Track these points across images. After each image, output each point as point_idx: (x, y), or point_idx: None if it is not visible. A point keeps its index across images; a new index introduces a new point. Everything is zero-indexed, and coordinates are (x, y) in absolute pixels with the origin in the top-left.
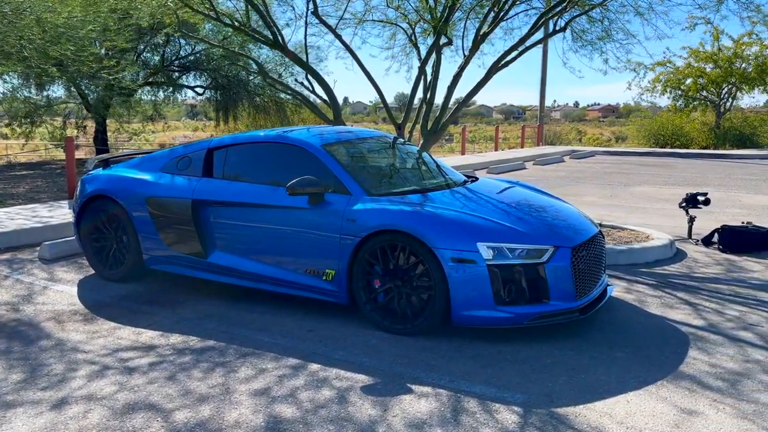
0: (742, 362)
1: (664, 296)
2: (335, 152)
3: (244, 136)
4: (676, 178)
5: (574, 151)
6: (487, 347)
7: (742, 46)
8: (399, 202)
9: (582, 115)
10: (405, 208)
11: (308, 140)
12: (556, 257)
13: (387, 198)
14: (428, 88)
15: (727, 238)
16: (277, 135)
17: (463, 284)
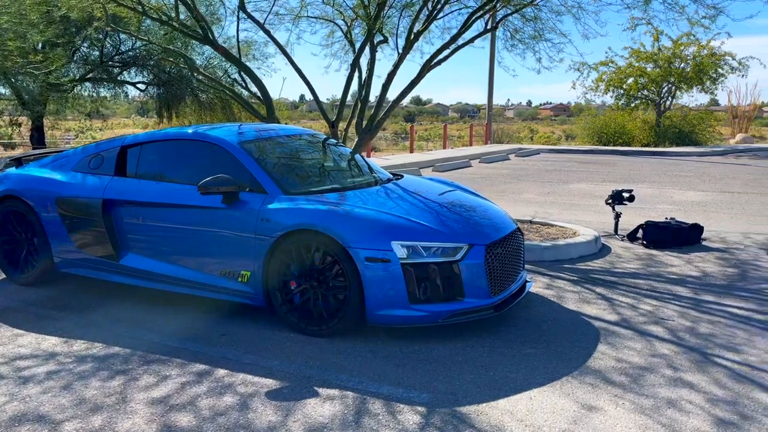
0: (647, 357)
1: (583, 292)
2: (253, 150)
3: (159, 133)
4: (614, 176)
5: (521, 149)
6: (402, 347)
7: (681, 46)
8: (315, 201)
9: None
10: (320, 207)
11: (224, 137)
12: (471, 255)
13: (304, 197)
14: (363, 86)
15: (650, 233)
16: (193, 132)
17: (378, 283)
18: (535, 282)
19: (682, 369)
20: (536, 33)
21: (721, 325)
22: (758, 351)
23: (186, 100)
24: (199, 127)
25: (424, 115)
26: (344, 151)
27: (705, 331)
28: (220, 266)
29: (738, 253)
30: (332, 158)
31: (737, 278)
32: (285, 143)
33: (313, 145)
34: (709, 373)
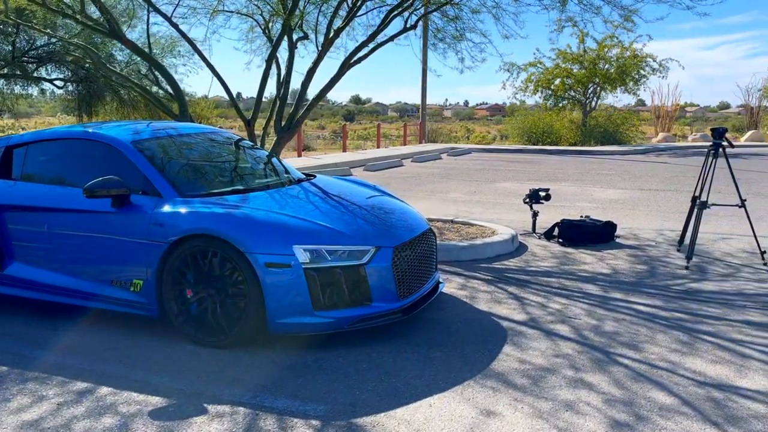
0: (551, 357)
1: (496, 291)
2: (147, 150)
3: (47, 132)
4: (540, 174)
5: (453, 148)
6: (305, 355)
7: (605, 48)
8: (213, 203)
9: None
10: (217, 210)
11: (116, 136)
12: (378, 258)
13: (201, 199)
14: (282, 83)
15: (566, 231)
16: (83, 131)
17: (279, 290)
18: (450, 282)
19: (584, 369)
20: (458, 33)
21: (626, 322)
22: (659, 348)
23: (106, 97)
24: (90, 126)
25: (364, 115)
26: (257, 151)
27: (609, 329)
28: (111, 275)
29: (649, 250)
30: (239, 158)
31: (646, 275)
32: (186, 142)
33: (217, 144)
34: (609, 373)
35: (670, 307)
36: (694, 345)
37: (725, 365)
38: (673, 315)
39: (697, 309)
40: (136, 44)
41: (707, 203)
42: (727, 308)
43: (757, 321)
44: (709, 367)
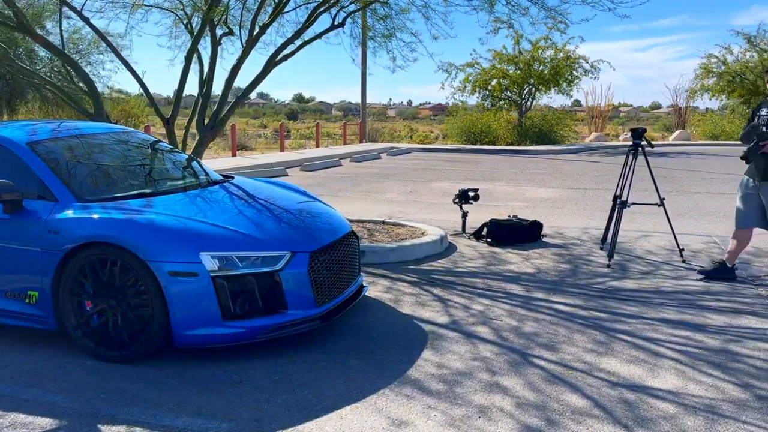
0: (469, 360)
1: (421, 294)
2: (44, 151)
3: None
4: (475, 174)
5: (393, 148)
6: (214, 369)
7: (539, 49)
8: (114, 208)
9: (415, 114)
10: (117, 215)
11: (10, 137)
12: (293, 263)
13: (101, 204)
14: (205, 81)
15: (494, 231)
16: None
17: (185, 300)
18: (376, 285)
19: (500, 372)
20: (388, 32)
21: (546, 322)
22: (575, 349)
23: (28, 95)
24: None
25: (308, 113)
26: (174, 153)
27: (529, 330)
28: (3, 286)
29: (573, 249)
30: (150, 159)
31: (568, 274)
32: (91, 143)
33: (127, 145)
34: (525, 376)
35: (590, 306)
36: (610, 345)
37: (639, 365)
38: (592, 314)
39: (616, 307)
40: (46, 39)
41: (627, 202)
42: (645, 306)
43: (673, 318)
44: (623, 367)
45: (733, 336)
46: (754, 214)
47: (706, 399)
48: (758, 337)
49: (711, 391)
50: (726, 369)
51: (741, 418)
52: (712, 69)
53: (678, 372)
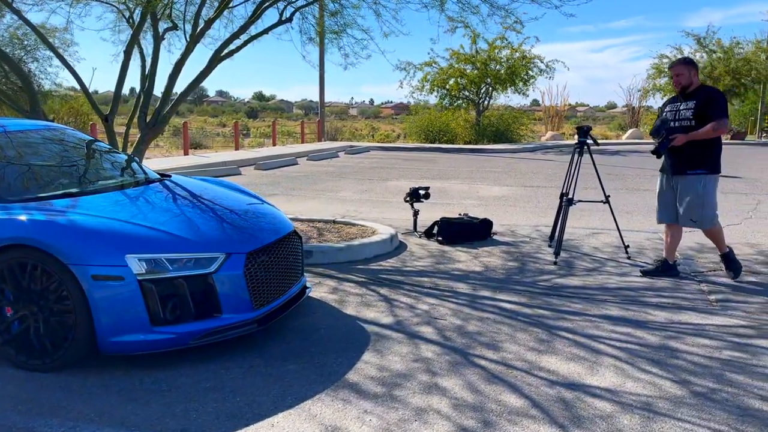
0: (410, 362)
1: (367, 294)
2: None
3: None
4: (432, 172)
5: (351, 146)
6: (143, 377)
7: (495, 49)
8: (36, 209)
9: (377, 113)
10: (38, 216)
11: None
12: (228, 265)
13: (23, 205)
14: (147, 77)
15: (444, 229)
16: None
17: (110, 305)
18: (322, 286)
19: (440, 373)
20: (339, 28)
21: (490, 321)
22: (517, 347)
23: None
24: None
25: (268, 112)
26: (110, 151)
27: (473, 329)
28: None
29: (522, 246)
30: (82, 158)
31: (516, 271)
32: (16, 141)
33: (58, 143)
34: (465, 376)
35: (534, 304)
36: (552, 343)
37: (579, 363)
38: (536, 312)
39: (560, 305)
40: None
41: (573, 200)
42: (588, 303)
43: (615, 315)
44: (563, 366)
45: (672, 332)
46: (668, 209)
47: (643, 396)
48: (697, 333)
49: (648, 389)
50: (664, 365)
51: (676, 415)
52: (664, 69)
53: (617, 369)
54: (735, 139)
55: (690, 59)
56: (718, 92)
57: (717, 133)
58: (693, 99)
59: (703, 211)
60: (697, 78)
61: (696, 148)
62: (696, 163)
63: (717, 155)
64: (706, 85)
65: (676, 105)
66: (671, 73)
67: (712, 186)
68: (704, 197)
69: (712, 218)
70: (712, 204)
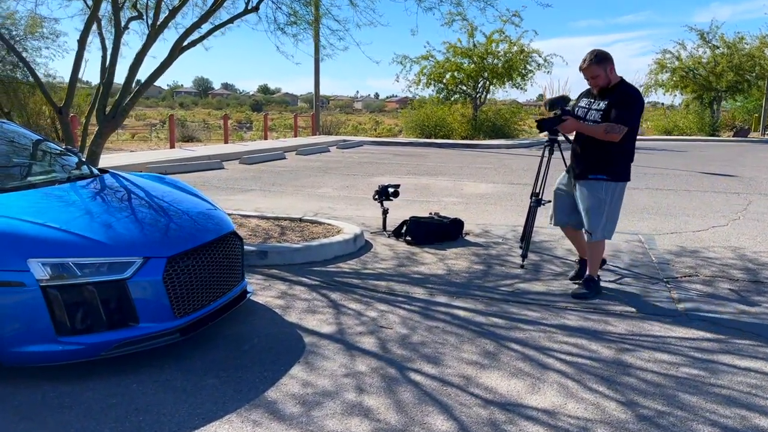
0: (340, 377)
1: (315, 299)
2: None
3: None
4: (421, 168)
5: (344, 141)
6: (48, 390)
7: (493, 43)
8: None
9: (382, 106)
10: None
11: None
12: (146, 270)
13: None
14: (107, 68)
15: (413, 229)
16: None
17: (10, 313)
18: (270, 290)
19: (369, 391)
20: (314, 18)
21: (438, 331)
22: (458, 362)
23: None
24: None
25: (273, 105)
26: (44, 144)
27: (417, 339)
28: None
29: (494, 248)
30: (10, 152)
31: (479, 275)
32: None
33: None
34: (395, 394)
35: (490, 311)
36: (498, 355)
37: (521, 379)
38: (490, 320)
39: (516, 313)
40: None
41: (542, 200)
42: (548, 311)
43: (572, 325)
44: (504, 383)
45: (630, 345)
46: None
47: (582, 420)
48: (656, 347)
49: (590, 411)
50: (613, 384)
51: None
52: (666, 64)
53: (561, 387)
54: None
55: (602, 54)
56: (634, 94)
57: (607, 136)
58: (607, 98)
59: (600, 221)
60: (614, 73)
61: (601, 151)
62: (600, 167)
63: (624, 161)
64: (624, 82)
65: (590, 101)
66: (585, 75)
67: (615, 195)
68: (606, 206)
69: (608, 231)
70: (614, 216)
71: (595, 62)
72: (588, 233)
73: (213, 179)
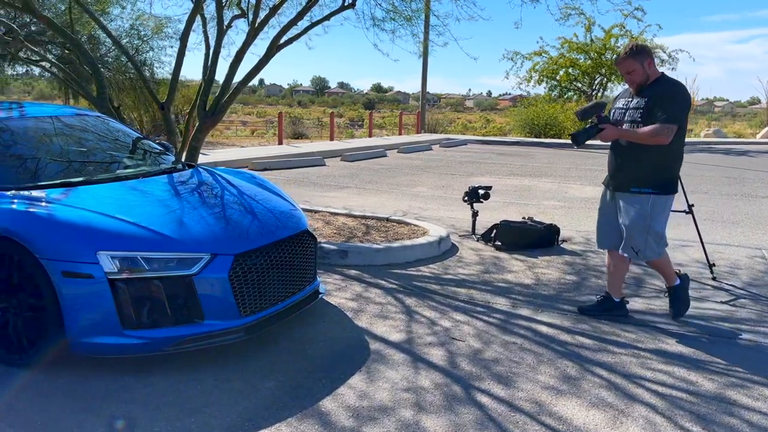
0: (400, 391)
1: (389, 304)
2: None
3: None
4: (525, 169)
5: (448, 139)
6: (111, 381)
7: (612, 37)
8: (23, 198)
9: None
10: (19, 206)
11: None
12: (212, 267)
13: (13, 194)
14: (208, 65)
15: (503, 234)
16: None
17: (80, 304)
18: (344, 291)
19: (427, 409)
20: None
21: (515, 347)
22: (533, 384)
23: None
24: None
25: (385, 103)
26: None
27: (491, 355)
28: None
29: (591, 258)
30: (97, 144)
31: (570, 287)
32: (31, 127)
33: (77, 128)
34: (456, 416)
35: (577, 329)
36: (579, 381)
37: (602, 410)
38: (575, 339)
39: (608, 332)
40: (51, 20)
41: None
42: (645, 332)
43: (672, 351)
44: (581, 413)
45: (737, 379)
46: (609, 232)
47: None
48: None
49: None
50: (710, 424)
51: None
52: None
53: (647, 423)
54: None
55: (640, 47)
56: (676, 87)
57: (654, 140)
58: (646, 95)
59: (643, 239)
60: (653, 68)
61: (643, 159)
62: (643, 178)
63: (671, 169)
64: (666, 76)
65: (628, 100)
66: (621, 71)
67: (660, 209)
68: (649, 221)
69: (654, 249)
70: (659, 233)
71: (631, 55)
72: (633, 251)
73: (312, 175)
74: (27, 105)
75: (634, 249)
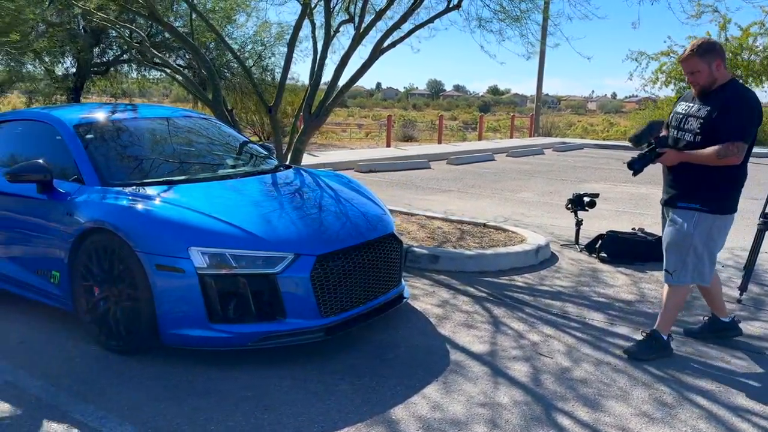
0: (475, 406)
1: (476, 312)
2: (89, 133)
3: (9, 113)
4: (642, 176)
5: (563, 143)
6: (197, 373)
7: (749, 36)
8: (129, 194)
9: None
10: (122, 202)
11: (60, 118)
12: (296, 267)
13: (119, 189)
14: (316, 69)
15: (608, 245)
16: (35, 112)
17: (170, 297)
18: (431, 297)
19: (503, 428)
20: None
21: (607, 368)
22: (624, 409)
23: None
24: (49, 107)
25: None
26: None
27: (579, 375)
28: (35, 264)
29: None
30: (202, 144)
31: None
32: (143, 127)
33: (183, 129)
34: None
35: (680, 352)
36: (675, 409)
37: None
38: (677, 363)
39: (715, 358)
40: (173, 27)
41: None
42: (757, 360)
43: None
44: None
45: None
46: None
47: None
48: None
49: None
50: None
51: None
52: None
53: None
54: None
55: (710, 45)
56: (745, 95)
57: (723, 161)
58: (710, 103)
59: (681, 259)
60: (722, 70)
61: (695, 172)
62: (691, 193)
63: (727, 187)
64: (736, 82)
65: (689, 106)
66: (684, 70)
67: (707, 230)
68: (692, 241)
69: (701, 273)
70: (704, 257)
71: (698, 53)
72: (666, 272)
73: (416, 178)
74: (141, 107)
75: (669, 270)
